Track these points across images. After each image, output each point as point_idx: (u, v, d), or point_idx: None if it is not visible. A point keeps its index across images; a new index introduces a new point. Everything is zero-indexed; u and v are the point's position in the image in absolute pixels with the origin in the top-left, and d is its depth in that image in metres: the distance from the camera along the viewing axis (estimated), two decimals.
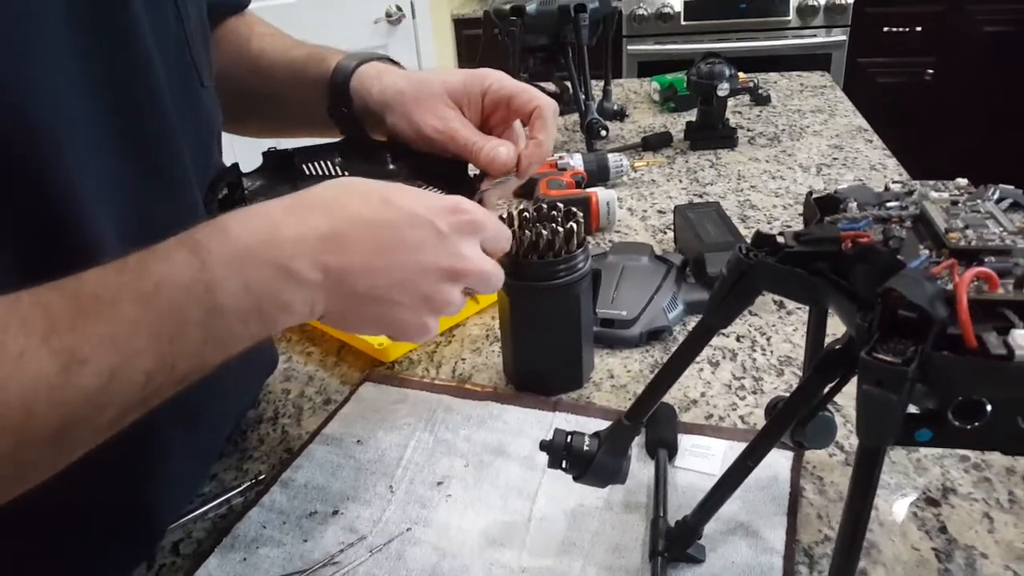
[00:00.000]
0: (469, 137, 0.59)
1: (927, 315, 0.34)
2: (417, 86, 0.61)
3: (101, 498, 0.45)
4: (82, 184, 0.43)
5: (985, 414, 0.35)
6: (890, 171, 1.18)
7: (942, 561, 0.53)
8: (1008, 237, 0.39)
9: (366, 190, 0.47)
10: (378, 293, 0.45)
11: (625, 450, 0.52)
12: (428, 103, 0.60)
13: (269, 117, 0.73)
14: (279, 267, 0.42)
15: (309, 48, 0.69)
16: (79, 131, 0.43)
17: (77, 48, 0.42)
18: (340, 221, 0.44)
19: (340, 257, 0.43)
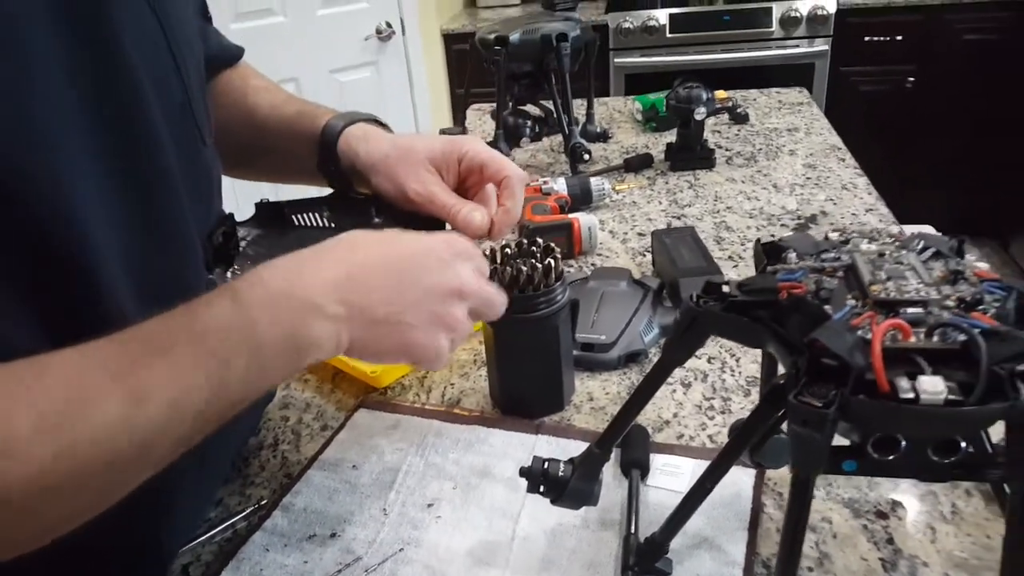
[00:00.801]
0: (447, 200, 0.65)
1: (846, 363, 0.39)
2: (401, 151, 0.66)
3: (114, 533, 0.49)
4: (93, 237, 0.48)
5: (900, 448, 0.40)
6: (860, 190, 1.24)
7: (887, 570, 0.58)
8: (924, 289, 0.44)
9: (377, 236, 0.54)
10: (395, 318, 0.51)
11: (596, 475, 0.57)
12: (411, 167, 0.65)
13: (265, 168, 0.78)
14: (307, 305, 0.48)
15: (300, 104, 0.74)
16: (91, 201, 0.47)
17: (85, 118, 0.47)
18: (357, 262, 0.51)
19: (359, 291, 0.50)
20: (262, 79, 0.79)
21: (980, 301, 0.43)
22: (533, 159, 1.49)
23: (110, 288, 0.50)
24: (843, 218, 1.15)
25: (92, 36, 0.47)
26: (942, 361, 0.39)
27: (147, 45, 0.53)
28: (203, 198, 0.61)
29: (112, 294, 0.50)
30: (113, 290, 0.50)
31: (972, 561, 0.58)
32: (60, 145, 0.45)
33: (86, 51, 0.46)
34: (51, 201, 0.44)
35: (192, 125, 0.59)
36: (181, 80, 0.57)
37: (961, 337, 0.40)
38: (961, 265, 0.46)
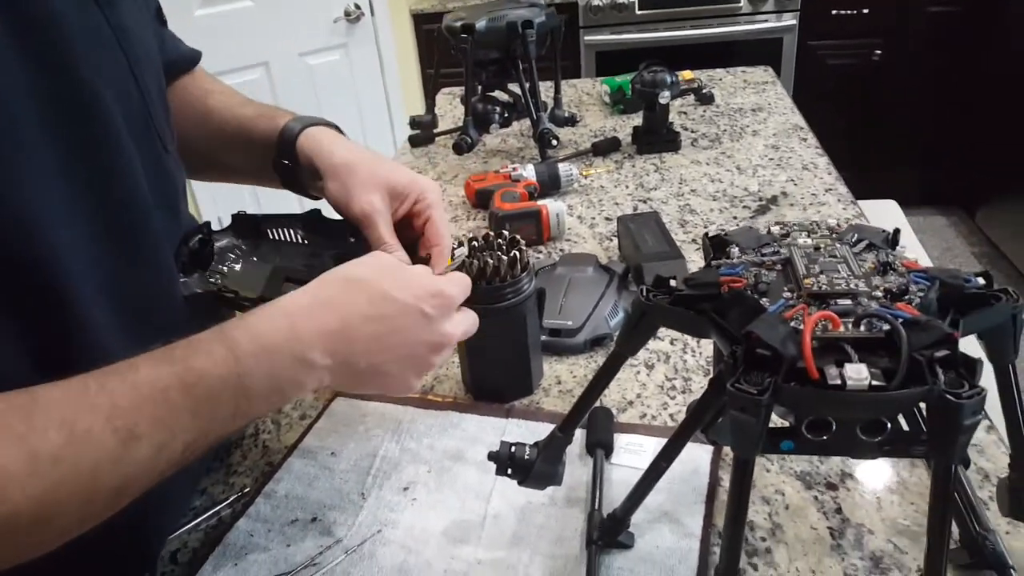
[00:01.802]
0: (383, 235, 0.66)
1: (778, 353, 0.42)
2: (364, 166, 0.67)
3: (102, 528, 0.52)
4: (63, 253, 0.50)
5: (831, 429, 0.44)
6: (820, 170, 1.28)
7: (835, 538, 0.62)
8: (854, 281, 0.47)
9: (369, 286, 0.55)
10: (375, 369, 0.56)
11: (560, 457, 0.60)
12: (366, 185, 0.66)
13: (225, 169, 0.80)
14: (298, 358, 0.51)
15: (259, 106, 0.76)
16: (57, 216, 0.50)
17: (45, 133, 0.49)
18: (346, 317, 0.53)
19: (347, 346, 0.53)
20: (218, 83, 0.80)
21: (906, 291, 0.46)
22: (503, 144, 1.52)
23: (81, 301, 0.52)
24: (803, 199, 1.19)
25: (47, 52, 0.49)
26: (868, 349, 0.43)
27: (104, 57, 0.55)
28: (169, 205, 0.64)
29: (83, 306, 0.53)
30: (84, 303, 0.53)
31: (914, 528, 0.62)
32: (21, 163, 0.47)
33: (43, 67, 0.48)
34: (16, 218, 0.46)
35: (153, 134, 0.61)
36: (139, 89, 0.59)
37: (885, 326, 0.43)
38: (891, 256, 0.50)
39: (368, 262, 0.58)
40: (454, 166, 1.44)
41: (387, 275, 0.57)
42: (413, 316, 0.56)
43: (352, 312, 0.54)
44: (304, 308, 0.53)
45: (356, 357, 0.54)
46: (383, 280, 0.56)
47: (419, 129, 1.54)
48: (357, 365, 0.54)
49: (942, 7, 2.89)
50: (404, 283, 0.57)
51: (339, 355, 0.53)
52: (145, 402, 0.45)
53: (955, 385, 0.41)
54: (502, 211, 1.10)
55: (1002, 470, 0.67)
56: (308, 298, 0.54)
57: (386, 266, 0.58)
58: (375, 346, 0.55)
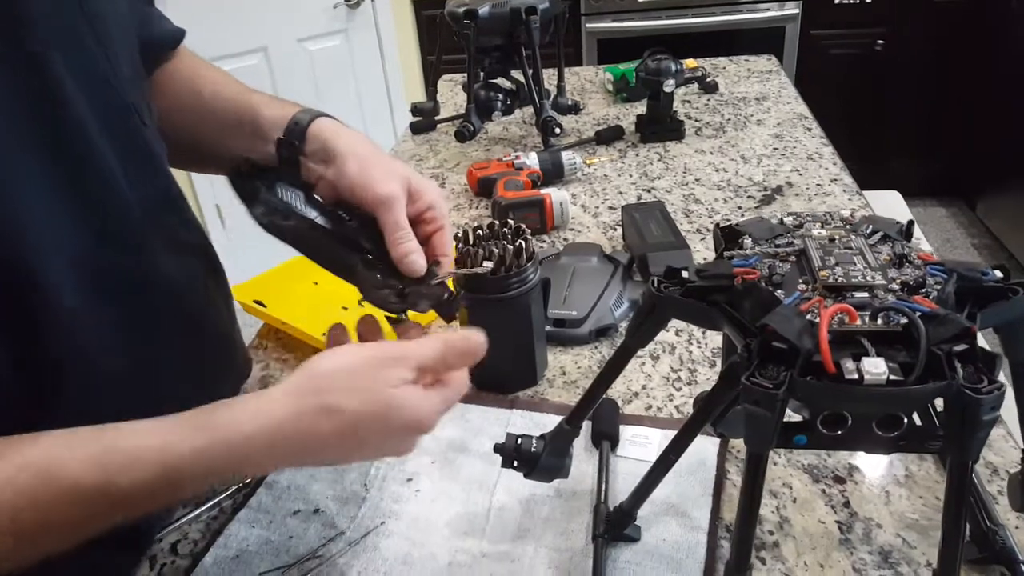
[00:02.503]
0: (400, 220, 0.61)
1: (794, 347, 0.41)
2: (388, 158, 0.65)
3: None
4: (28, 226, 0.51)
5: (846, 423, 0.43)
6: (826, 160, 1.27)
7: (844, 532, 0.62)
8: (870, 273, 0.46)
9: (340, 422, 0.50)
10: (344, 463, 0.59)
11: (566, 450, 0.60)
12: (392, 174, 0.63)
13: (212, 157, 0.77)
14: (241, 473, 0.55)
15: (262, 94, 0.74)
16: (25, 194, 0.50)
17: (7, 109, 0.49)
18: (306, 449, 0.51)
19: (301, 461, 0.57)
20: (213, 69, 0.78)
21: (923, 284, 0.46)
22: (506, 132, 1.50)
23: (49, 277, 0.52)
24: (808, 189, 1.18)
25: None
26: (886, 342, 0.42)
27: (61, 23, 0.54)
28: (145, 178, 0.62)
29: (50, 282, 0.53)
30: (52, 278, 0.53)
31: (922, 522, 0.62)
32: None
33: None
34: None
35: (118, 102, 0.60)
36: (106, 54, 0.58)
37: (903, 320, 0.42)
38: (907, 248, 0.49)
39: (360, 388, 0.51)
40: (456, 153, 1.43)
41: (371, 412, 0.51)
42: (383, 444, 0.54)
43: (316, 443, 0.51)
44: (263, 439, 0.49)
45: (307, 464, 0.60)
46: (364, 417, 0.51)
47: (421, 116, 1.53)
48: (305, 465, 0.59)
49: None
50: (385, 420, 0.51)
51: (285, 467, 0.59)
52: (121, 478, 0.46)
53: (974, 380, 0.40)
54: (505, 200, 1.09)
55: (1011, 464, 0.66)
56: (269, 432, 0.49)
57: (377, 399, 0.51)
58: (333, 459, 0.58)
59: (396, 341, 0.58)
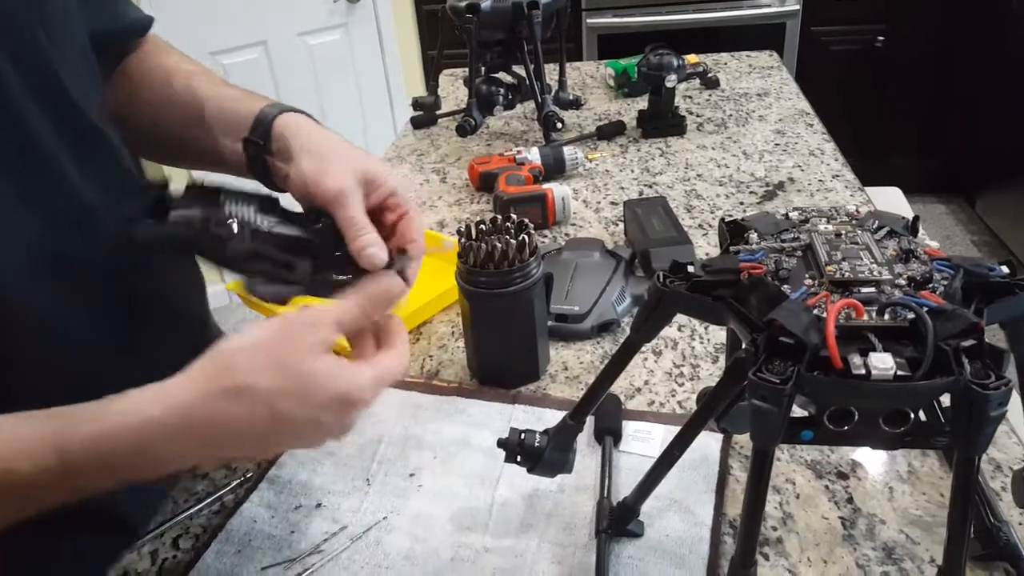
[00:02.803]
0: (355, 216, 0.58)
1: (801, 342, 0.41)
2: (344, 150, 0.62)
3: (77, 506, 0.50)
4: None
5: (853, 419, 0.43)
6: (827, 156, 1.26)
7: (847, 528, 0.62)
8: (877, 269, 0.46)
9: (252, 400, 0.47)
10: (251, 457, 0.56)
11: (570, 445, 0.60)
12: (345, 167, 0.60)
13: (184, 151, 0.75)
14: (150, 469, 0.48)
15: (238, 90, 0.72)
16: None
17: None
18: (219, 435, 0.47)
19: (218, 454, 0.51)
20: (190, 61, 0.77)
21: (930, 279, 0.45)
22: (507, 127, 1.50)
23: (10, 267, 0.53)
24: (810, 184, 1.18)
25: None
26: (893, 338, 0.42)
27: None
28: (99, 166, 0.62)
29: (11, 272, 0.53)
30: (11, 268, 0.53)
31: (926, 518, 0.62)
32: None
33: None
34: None
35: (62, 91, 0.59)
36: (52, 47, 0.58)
37: (910, 315, 0.42)
38: (913, 244, 0.49)
39: (269, 360, 0.48)
40: (457, 148, 1.43)
41: (287, 388, 0.47)
42: (307, 426, 0.49)
43: (230, 429, 0.47)
44: (165, 430, 0.46)
45: (229, 456, 0.55)
46: (280, 397, 0.47)
47: (422, 110, 1.53)
48: (230, 458, 0.55)
49: None
50: (306, 398, 0.48)
51: (206, 461, 0.54)
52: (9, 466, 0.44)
53: (981, 376, 0.40)
54: (507, 194, 1.09)
55: (1014, 461, 0.66)
56: (175, 417, 0.46)
57: (291, 369, 0.48)
58: (256, 448, 0.52)
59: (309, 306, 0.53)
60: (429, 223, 1.16)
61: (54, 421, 0.46)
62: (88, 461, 0.46)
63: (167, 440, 0.47)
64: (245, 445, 0.50)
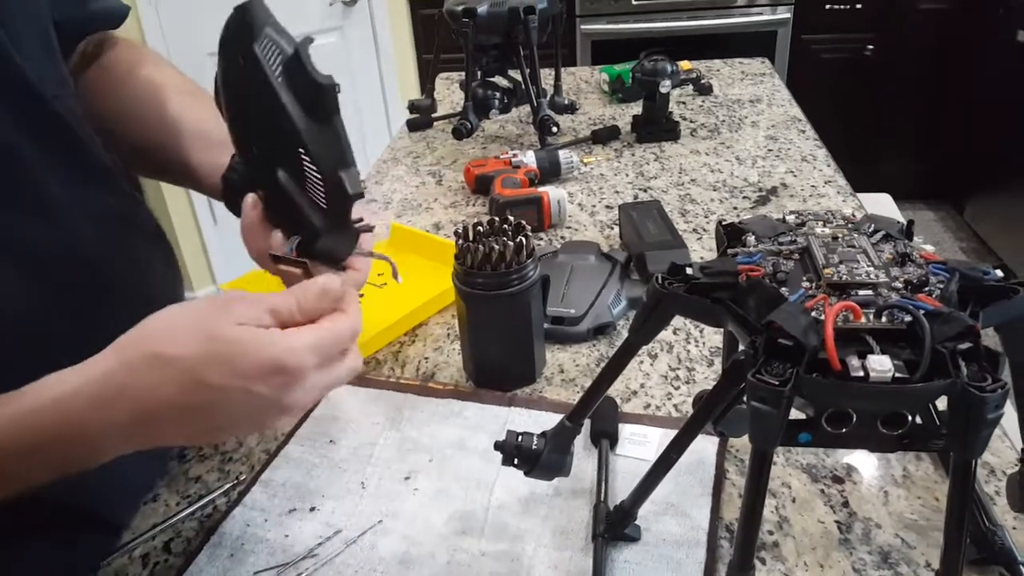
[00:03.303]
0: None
1: (800, 343, 0.41)
2: None
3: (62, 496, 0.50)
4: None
5: (851, 421, 0.43)
6: (820, 162, 1.27)
7: (843, 532, 0.62)
8: (874, 272, 0.46)
9: (182, 370, 0.44)
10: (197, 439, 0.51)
11: (568, 448, 0.59)
12: None
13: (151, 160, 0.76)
14: (79, 452, 0.45)
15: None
16: None
17: None
18: (147, 409, 0.45)
19: (150, 433, 0.46)
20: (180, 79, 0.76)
21: (926, 283, 0.46)
22: (502, 131, 1.50)
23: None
24: (803, 190, 1.18)
25: None
26: (890, 340, 0.42)
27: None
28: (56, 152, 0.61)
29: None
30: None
31: (921, 522, 0.62)
32: None
33: None
34: None
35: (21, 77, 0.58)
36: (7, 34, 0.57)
37: (907, 318, 0.42)
38: (909, 247, 0.49)
39: (192, 330, 0.45)
40: (452, 151, 1.43)
41: (212, 355, 0.44)
42: (240, 399, 0.45)
43: (156, 401, 0.44)
44: (87, 400, 0.44)
45: (168, 439, 0.47)
46: (206, 365, 0.44)
47: (418, 113, 1.53)
48: (169, 440, 0.48)
49: (934, 4, 2.90)
50: (233, 365, 0.44)
51: (142, 442, 0.46)
52: None
53: (978, 378, 0.40)
54: (503, 197, 1.09)
55: (1007, 465, 0.66)
56: (96, 385, 0.44)
57: (215, 336, 0.45)
58: (193, 428, 0.47)
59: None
60: (424, 225, 1.16)
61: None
62: (11, 443, 0.43)
63: (89, 412, 0.44)
64: (181, 423, 0.46)
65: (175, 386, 0.44)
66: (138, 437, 0.46)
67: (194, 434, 0.48)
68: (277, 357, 0.45)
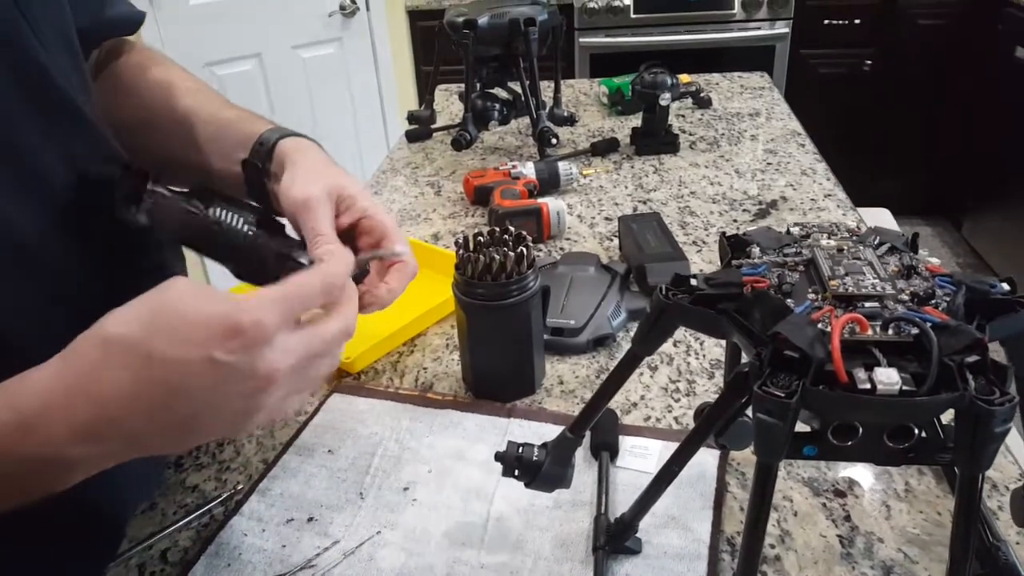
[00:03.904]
0: (317, 226, 0.56)
1: (807, 355, 0.41)
2: (321, 165, 0.62)
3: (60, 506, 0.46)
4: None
5: (857, 434, 0.43)
6: (819, 175, 1.27)
7: (845, 546, 0.61)
8: (880, 284, 0.46)
9: (126, 351, 0.41)
10: (171, 438, 0.44)
11: (569, 459, 0.59)
12: (315, 178, 0.59)
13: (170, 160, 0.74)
14: (41, 462, 0.41)
15: (239, 110, 0.72)
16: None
17: None
18: (105, 401, 0.41)
19: (116, 429, 0.42)
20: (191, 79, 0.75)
21: (932, 295, 0.45)
22: (501, 142, 1.50)
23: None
24: (802, 203, 1.18)
25: None
26: (897, 353, 0.42)
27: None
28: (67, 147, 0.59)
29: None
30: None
31: (923, 537, 0.62)
32: None
33: None
34: None
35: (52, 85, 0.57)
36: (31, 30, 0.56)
37: (914, 330, 0.42)
38: (914, 260, 0.49)
39: (137, 307, 0.43)
40: (451, 161, 1.43)
41: (157, 326, 0.41)
42: (202, 371, 0.41)
43: (112, 391, 0.41)
44: (39, 397, 0.41)
45: (138, 436, 0.42)
46: (151, 337, 0.41)
47: (417, 124, 1.53)
48: (145, 440, 0.43)
49: (932, 20, 2.92)
50: (181, 332, 0.41)
51: (110, 441, 0.41)
52: None
53: (986, 392, 0.40)
54: (502, 208, 1.09)
55: (1010, 480, 0.66)
56: (47, 380, 0.41)
57: (160, 309, 0.42)
58: (161, 418, 0.42)
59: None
60: (423, 235, 1.16)
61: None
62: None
63: (48, 406, 0.41)
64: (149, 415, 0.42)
65: (126, 370, 0.41)
66: (105, 431, 0.42)
67: (168, 429, 0.43)
68: (226, 314, 0.41)
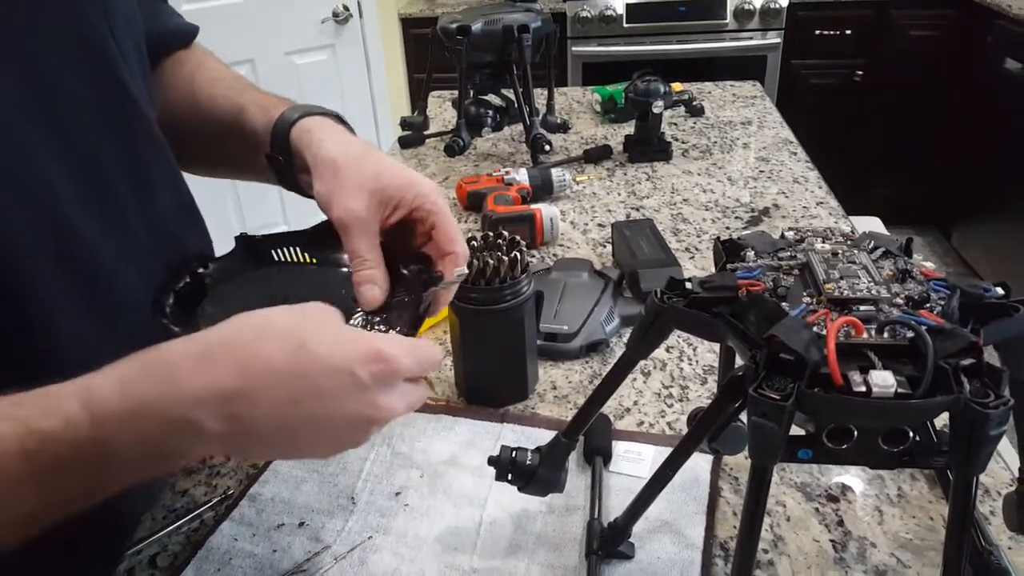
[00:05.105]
0: (358, 247, 0.56)
1: (802, 358, 0.41)
2: (355, 166, 0.58)
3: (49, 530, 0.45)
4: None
5: (852, 437, 0.43)
6: (811, 183, 1.28)
7: (838, 551, 0.61)
8: (875, 288, 0.46)
9: (283, 334, 0.44)
10: (284, 437, 0.44)
11: (562, 463, 0.59)
12: (352, 189, 0.56)
13: (222, 162, 0.75)
14: (178, 421, 0.41)
15: (257, 94, 0.70)
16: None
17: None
18: (249, 373, 0.42)
19: (248, 409, 0.42)
20: (218, 68, 0.75)
21: (927, 299, 0.46)
22: (495, 148, 1.50)
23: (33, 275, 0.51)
24: (795, 211, 1.19)
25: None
26: (892, 356, 0.42)
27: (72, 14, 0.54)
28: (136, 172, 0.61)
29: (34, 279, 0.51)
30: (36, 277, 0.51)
31: (916, 542, 0.62)
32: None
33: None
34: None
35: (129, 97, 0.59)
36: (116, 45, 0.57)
37: (909, 334, 0.42)
38: (909, 264, 0.49)
39: (295, 310, 0.46)
40: (444, 168, 1.43)
41: (314, 327, 0.45)
42: (340, 379, 0.43)
43: (259, 366, 0.42)
44: (193, 356, 0.42)
45: (258, 423, 0.42)
46: (306, 331, 0.44)
47: (410, 130, 1.53)
48: (259, 433, 0.43)
49: (924, 31, 2.94)
50: (333, 340, 0.44)
51: (237, 420, 0.42)
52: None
53: (981, 395, 0.40)
54: (496, 214, 1.09)
55: (1001, 484, 0.66)
56: (200, 344, 0.43)
57: (315, 317, 0.46)
58: (287, 411, 0.43)
59: None
60: None
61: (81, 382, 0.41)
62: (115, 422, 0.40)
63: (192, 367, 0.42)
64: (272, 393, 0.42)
65: (280, 350, 0.43)
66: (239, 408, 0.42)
67: (282, 427, 0.43)
68: (373, 339, 0.45)
